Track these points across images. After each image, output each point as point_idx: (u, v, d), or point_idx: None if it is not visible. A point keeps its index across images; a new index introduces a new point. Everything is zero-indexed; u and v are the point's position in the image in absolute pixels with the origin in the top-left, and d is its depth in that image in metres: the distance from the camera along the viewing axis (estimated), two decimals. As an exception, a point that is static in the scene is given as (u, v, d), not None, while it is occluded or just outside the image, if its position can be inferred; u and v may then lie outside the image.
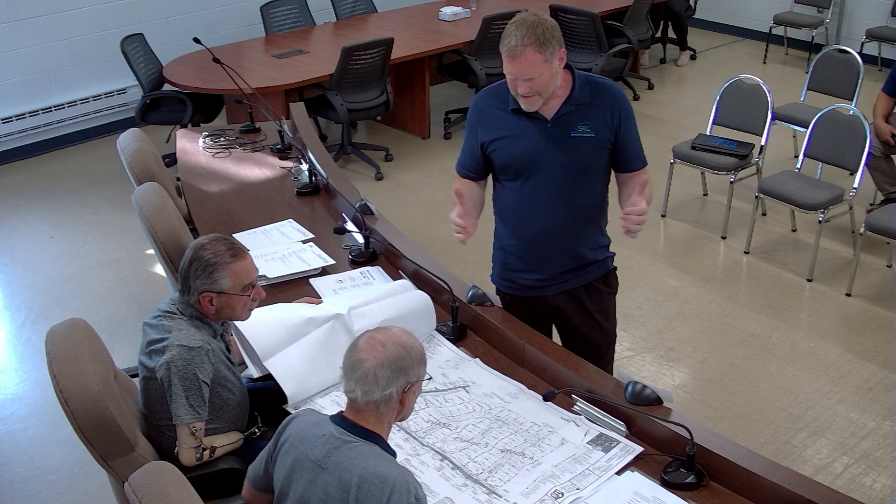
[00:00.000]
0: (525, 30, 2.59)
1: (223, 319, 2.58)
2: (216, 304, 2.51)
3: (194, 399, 2.44)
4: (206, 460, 2.48)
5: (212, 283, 2.48)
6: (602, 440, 2.43)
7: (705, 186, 5.90)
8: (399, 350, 2.03)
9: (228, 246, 2.53)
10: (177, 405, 2.43)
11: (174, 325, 2.50)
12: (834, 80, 5.93)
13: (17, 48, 6.38)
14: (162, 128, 6.35)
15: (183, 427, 2.45)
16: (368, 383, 2.00)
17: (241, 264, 2.52)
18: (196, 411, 2.44)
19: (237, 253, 2.52)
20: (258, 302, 2.61)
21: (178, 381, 2.42)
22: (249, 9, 7.32)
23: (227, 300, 2.51)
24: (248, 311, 2.59)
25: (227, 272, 2.48)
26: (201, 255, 2.50)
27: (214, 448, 2.50)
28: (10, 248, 5.39)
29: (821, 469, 3.59)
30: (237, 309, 2.54)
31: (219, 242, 2.53)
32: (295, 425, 2.13)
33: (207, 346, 2.47)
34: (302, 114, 4.60)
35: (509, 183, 2.87)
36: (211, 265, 2.48)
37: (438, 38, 6.82)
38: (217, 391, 2.53)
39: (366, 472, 1.95)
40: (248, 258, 2.56)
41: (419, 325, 2.86)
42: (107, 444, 2.37)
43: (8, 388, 4.15)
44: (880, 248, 5.08)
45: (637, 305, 4.71)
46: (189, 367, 2.42)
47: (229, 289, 2.49)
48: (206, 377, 2.46)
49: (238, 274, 2.50)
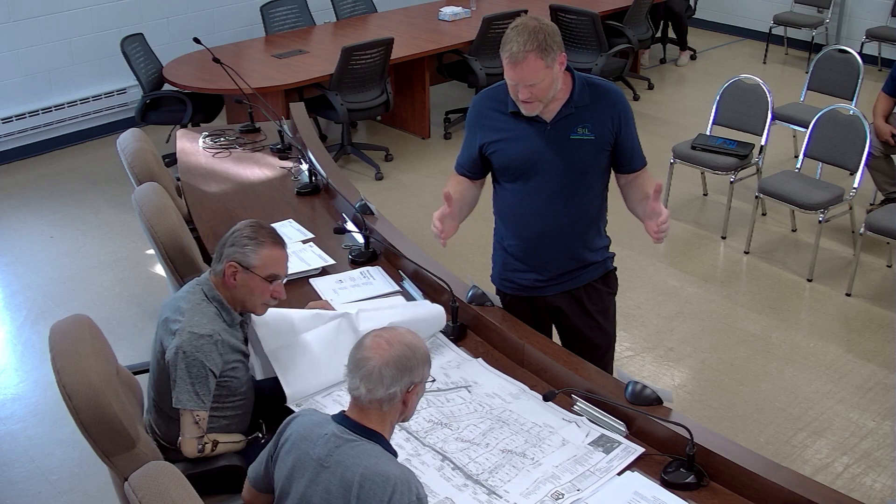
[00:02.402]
0: (527, 36, 2.58)
1: (240, 306, 2.59)
2: (238, 280, 2.53)
3: (200, 387, 2.46)
4: (207, 454, 2.50)
5: (243, 254, 2.53)
6: (603, 441, 2.43)
7: (705, 186, 5.90)
8: (405, 350, 2.03)
9: (272, 232, 2.61)
10: (180, 390, 2.46)
11: (191, 307, 2.52)
12: (834, 80, 5.93)
13: (17, 48, 6.38)
14: (162, 128, 6.35)
15: (186, 414, 2.47)
16: (373, 381, 2.00)
17: (277, 252, 2.57)
18: (200, 399, 2.46)
19: (277, 241, 2.59)
20: (276, 302, 2.62)
21: (184, 367, 2.45)
22: (249, 9, 7.32)
23: (249, 279, 2.53)
24: (264, 307, 2.61)
25: (262, 252, 2.54)
26: (243, 230, 2.58)
27: (217, 442, 2.51)
28: (10, 248, 5.39)
29: (821, 469, 3.59)
30: (255, 294, 2.56)
31: (265, 228, 2.61)
32: (296, 425, 2.13)
33: (218, 337, 2.48)
34: (302, 114, 4.61)
35: (509, 184, 2.87)
36: (250, 239, 2.55)
37: (438, 38, 6.82)
38: (225, 383, 2.54)
39: (368, 470, 1.95)
40: (285, 253, 2.62)
41: (427, 329, 2.86)
42: (108, 440, 2.38)
43: (8, 388, 4.15)
44: (880, 248, 5.09)
45: (637, 305, 4.71)
46: (197, 354, 2.44)
47: (255, 268, 2.53)
48: (214, 367, 2.47)
49: (269, 258, 2.54)
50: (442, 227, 2.76)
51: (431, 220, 2.76)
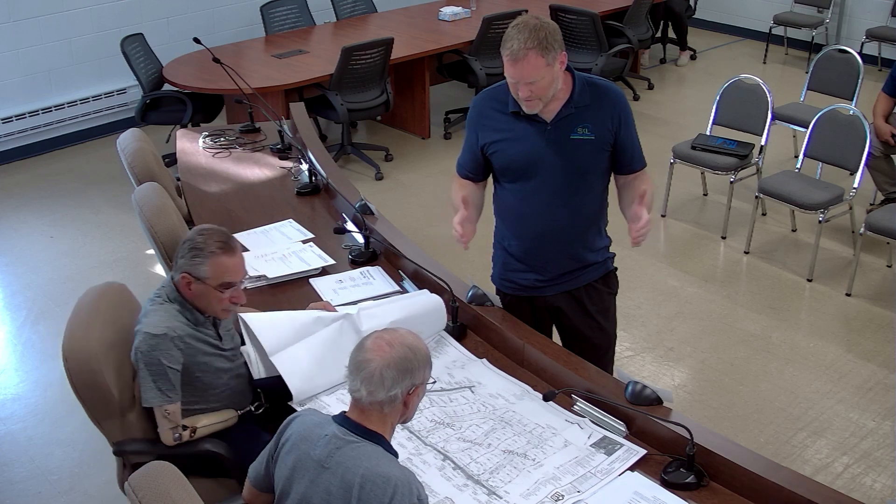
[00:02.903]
0: (527, 33, 2.58)
1: (202, 309, 2.60)
2: (194, 290, 2.55)
3: (162, 384, 2.50)
4: (187, 440, 2.56)
5: (193, 266, 2.52)
6: (605, 443, 2.43)
7: (705, 186, 5.90)
8: (406, 351, 2.03)
9: (223, 239, 2.56)
10: (145, 389, 2.51)
11: (151, 310, 2.56)
12: (834, 80, 5.93)
13: (18, 48, 6.38)
14: (162, 128, 6.35)
15: (156, 411, 2.53)
16: (374, 383, 2.00)
17: (227, 260, 2.53)
18: (165, 395, 2.51)
19: (227, 249, 2.54)
20: (238, 306, 2.62)
21: (143, 367, 2.49)
22: (249, 9, 7.32)
23: (203, 289, 2.53)
24: (226, 312, 2.60)
25: (211, 262, 2.51)
26: (194, 237, 2.56)
27: (195, 429, 2.56)
28: (10, 248, 5.39)
29: (821, 469, 3.59)
30: (212, 303, 2.56)
31: (216, 233, 2.57)
32: (296, 425, 2.13)
33: (173, 334, 2.51)
34: (302, 114, 4.60)
35: (509, 185, 2.87)
36: (198, 249, 2.52)
37: (438, 38, 6.82)
38: (196, 375, 2.58)
39: (368, 471, 1.95)
40: (238, 259, 2.57)
41: (429, 327, 2.87)
42: (98, 406, 2.50)
43: (8, 388, 4.15)
44: (880, 248, 5.08)
45: (637, 305, 4.71)
46: (153, 353, 2.48)
47: (207, 278, 2.52)
48: (174, 363, 2.51)
49: (219, 268, 2.52)
50: (462, 232, 2.81)
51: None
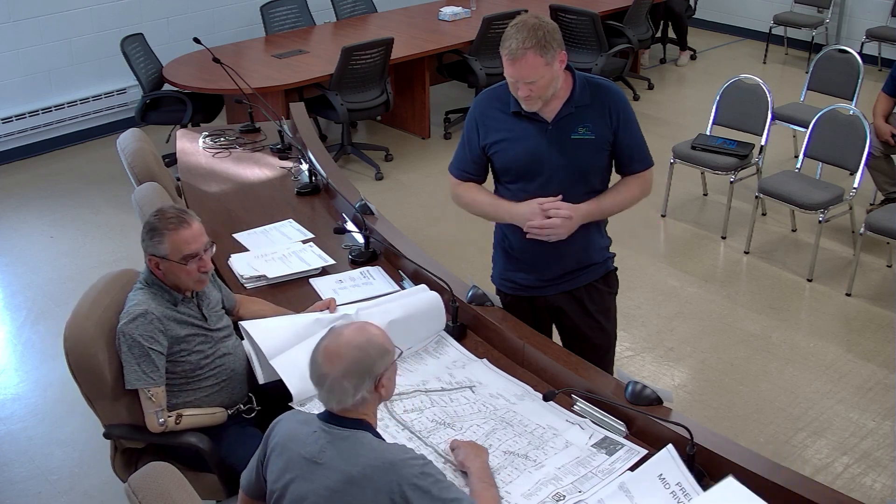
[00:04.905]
0: (526, 32, 2.58)
1: (176, 287, 2.65)
2: (162, 269, 2.61)
3: (145, 365, 2.54)
4: (173, 428, 2.59)
5: (154, 246, 2.59)
6: (606, 443, 2.43)
7: (705, 186, 5.90)
8: (356, 353, 2.02)
9: (175, 214, 2.63)
10: (128, 371, 2.55)
11: (132, 295, 2.63)
12: (834, 80, 5.93)
13: (18, 48, 6.38)
14: (162, 128, 6.35)
15: (140, 393, 2.56)
16: (338, 393, 2.02)
17: (182, 233, 2.60)
18: (149, 377, 2.55)
19: (182, 222, 2.61)
20: (207, 274, 2.66)
21: (126, 349, 2.54)
22: (249, 9, 7.32)
23: (169, 266, 2.60)
24: (199, 283, 2.66)
25: (168, 238, 2.58)
26: (150, 219, 2.64)
27: (181, 416, 2.60)
28: (10, 248, 5.39)
29: (821, 469, 3.59)
30: (181, 277, 2.62)
31: (168, 211, 2.65)
32: (282, 427, 2.13)
33: (153, 314, 2.56)
34: (302, 114, 4.60)
35: (511, 184, 2.87)
36: (154, 230, 2.60)
37: (438, 38, 6.82)
38: (183, 357, 2.62)
39: (368, 459, 1.97)
40: (194, 229, 2.63)
41: (429, 326, 2.86)
42: (90, 385, 2.59)
43: (8, 388, 4.15)
44: (880, 248, 5.08)
45: (637, 305, 4.71)
46: (134, 333, 2.53)
47: (169, 255, 2.58)
48: (154, 344, 2.55)
49: (177, 242, 2.58)
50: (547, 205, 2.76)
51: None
